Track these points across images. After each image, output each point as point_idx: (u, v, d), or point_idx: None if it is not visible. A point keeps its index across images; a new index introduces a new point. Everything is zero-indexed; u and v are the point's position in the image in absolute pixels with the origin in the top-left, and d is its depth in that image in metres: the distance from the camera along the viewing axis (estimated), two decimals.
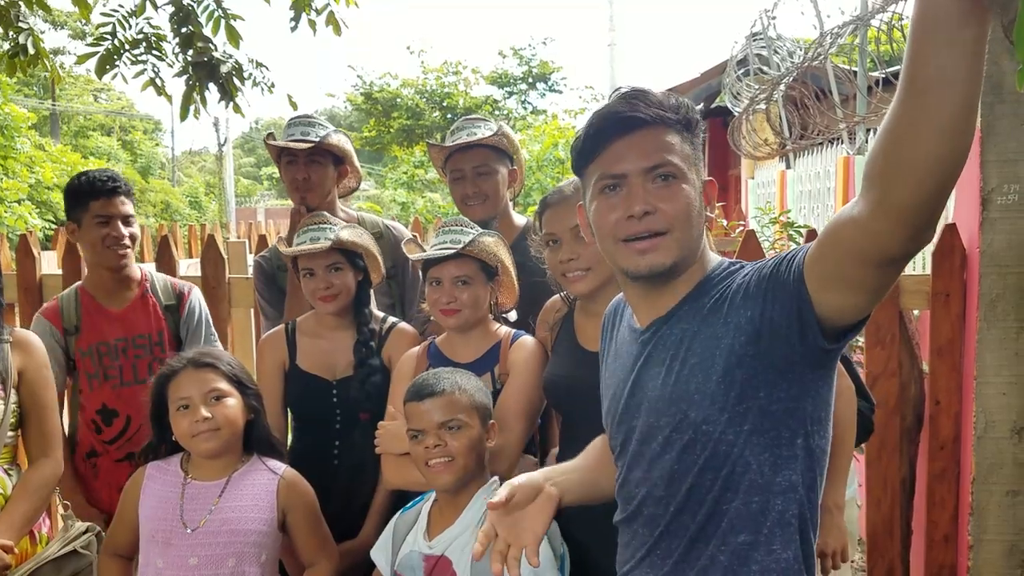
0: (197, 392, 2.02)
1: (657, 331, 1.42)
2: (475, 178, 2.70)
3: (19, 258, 3.83)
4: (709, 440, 1.33)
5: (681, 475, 1.37)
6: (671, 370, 1.37)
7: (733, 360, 1.30)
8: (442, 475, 1.90)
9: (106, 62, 3.95)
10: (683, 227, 1.36)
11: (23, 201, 15.60)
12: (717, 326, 1.33)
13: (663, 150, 1.37)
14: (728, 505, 1.35)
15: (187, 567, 1.98)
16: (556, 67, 20.22)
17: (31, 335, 2.36)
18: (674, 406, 1.36)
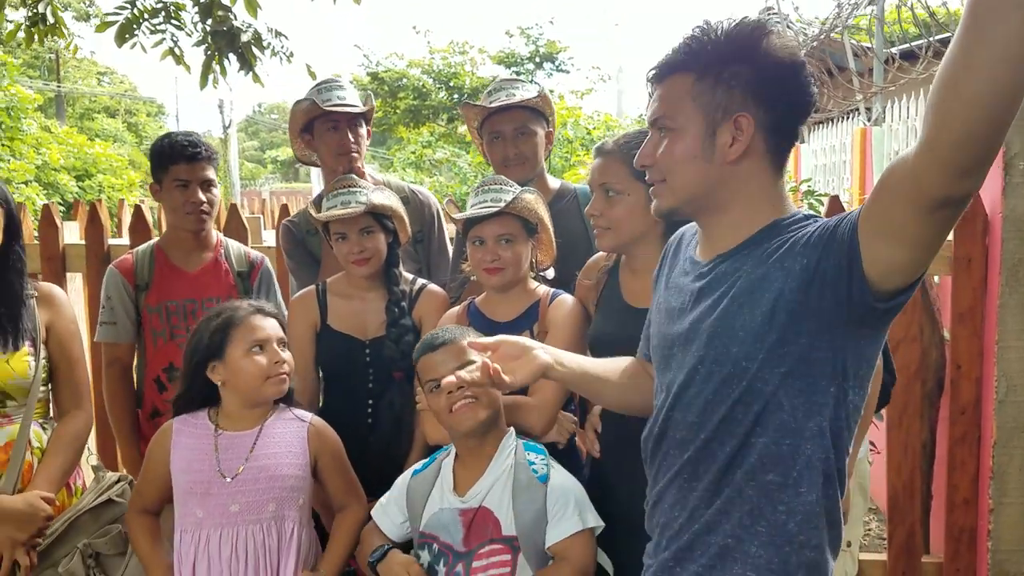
0: (274, 335, 2.08)
1: (715, 267, 1.45)
2: (515, 139, 2.71)
3: (42, 228, 3.84)
4: (746, 375, 1.36)
5: (715, 405, 1.40)
6: (720, 305, 1.40)
7: (780, 303, 1.32)
8: (469, 416, 1.92)
9: (125, 31, 3.94)
10: (675, 175, 1.42)
11: (30, 182, 15.61)
12: (772, 269, 1.34)
13: (665, 101, 1.42)
14: (757, 440, 1.38)
15: (229, 514, 2.02)
16: (563, 47, 20.11)
17: (55, 289, 2.38)
18: (718, 339, 1.39)
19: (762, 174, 1.40)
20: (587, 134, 12.22)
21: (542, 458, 1.98)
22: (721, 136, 1.37)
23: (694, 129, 1.38)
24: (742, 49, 1.36)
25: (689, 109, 1.38)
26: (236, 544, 2.01)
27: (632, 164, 1.94)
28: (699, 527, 1.44)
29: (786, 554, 1.38)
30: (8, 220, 2.16)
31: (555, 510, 1.90)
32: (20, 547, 2.08)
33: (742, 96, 1.35)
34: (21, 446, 2.14)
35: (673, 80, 1.41)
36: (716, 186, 1.40)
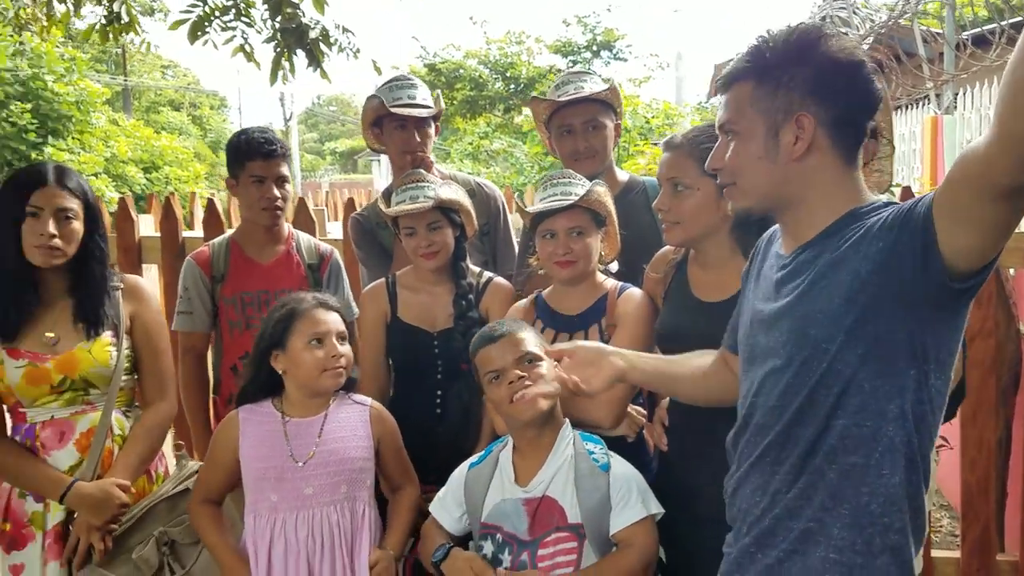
0: (334, 329, 2.13)
1: (796, 257, 1.50)
2: (584, 133, 2.71)
3: (119, 221, 3.97)
4: (825, 357, 1.39)
5: (796, 389, 1.43)
6: (800, 290, 1.45)
7: (857, 285, 1.35)
8: (531, 406, 1.93)
9: (197, 28, 4.03)
10: (744, 177, 1.50)
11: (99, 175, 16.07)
12: (849, 253, 1.38)
13: (730, 107, 1.50)
14: (837, 422, 1.40)
15: (303, 497, 2.08)
16: (621, 35, 19.97)
17: (141, 281, 2.46)
18: (798, 323, 1.43)
19: (832, 167, 1.45)
20: (645, 123, 12.13)
21: (600, 448, 2.01)
22: (784, 136, 1.44)
23: (758, 132, 1.46)
24: (799, 53, 1.43)
25: (751, 113, 1.46)
26: (312, 526, 2.07)
27: (701, 159, 1.94)
28: (780, 511, 1.46)
29: (869, 535, 1.39)
30: (87, 211, 2.24)
31: (618, 498, 1.92)
32: (95, 532, 2.15)
33: (801, 97, 1.42)
34: (102, 433, 2.22)
35: (737, 88, 1.49)
36: (784, 183, 1.47)
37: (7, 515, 2.20)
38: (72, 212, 2.18)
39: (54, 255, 2.16)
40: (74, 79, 16.46)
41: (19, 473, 2.18)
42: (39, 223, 2.14)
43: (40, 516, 2.19)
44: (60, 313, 2.23)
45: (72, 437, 2.20)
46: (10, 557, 2.18)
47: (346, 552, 2.10)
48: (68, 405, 2.21)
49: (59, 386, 2.18)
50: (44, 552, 2.17)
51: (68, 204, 2.18)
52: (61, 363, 2.18)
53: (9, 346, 2.16)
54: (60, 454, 2.19)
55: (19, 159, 15.23)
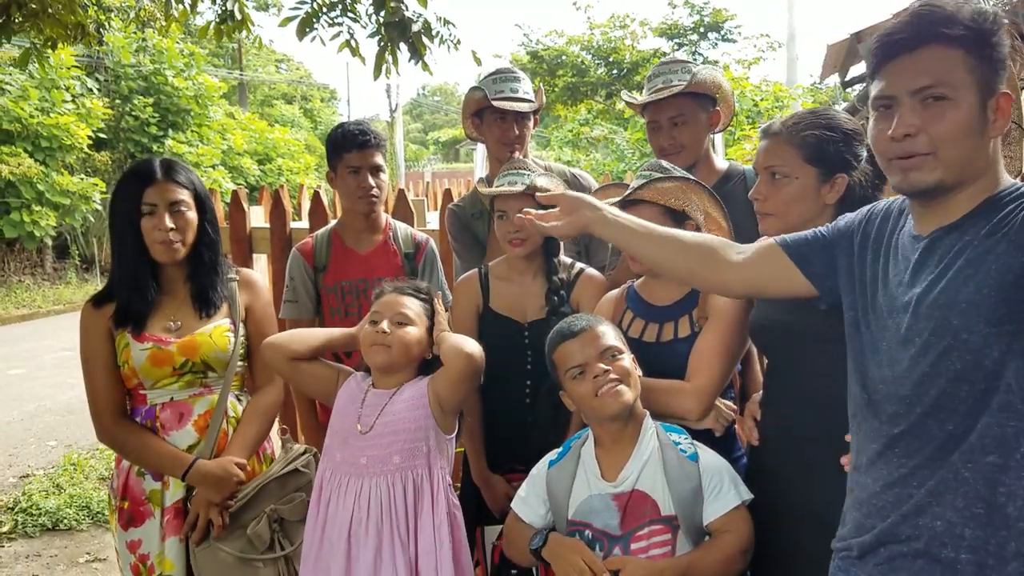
0: (388, 311, 2.21)
1: (936, 239, 1.45)
2: (671, 128, 2.70)
3: (231, 212, 4.17)
4: (968, 350, 1.35)
5: (932, 379, 1.39)
6: (942, 276, 1.40)
7: (1010, 278, 1.31)
8: (616, 399, 1.94)
9: (306, 25, 4.16)
10: (949, 147, 1.40)
11: (217, 166, 16.77)
12: (1001, 243, 1.34)
13: (935, 71, 1.40)
14: (980, 420, 1.35)
15: (358, 465, 2.18)
16: (730, 15, 19.48)
17: (255, 275, 2.59)
18: (939, 311, 1.39)
19: (998, 149, 1.44)
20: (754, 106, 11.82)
21: (686, 438, 2.00)
22: (990, 109, 1.41)
23: (968, 101, 1.40)
24: (994, 32, 1.39)
25: (967, 81, 1.40)
26: (360, 494, 2.15)
27: (801, 146, 1.90)
28: (908, 508, 1.43)
29: (1003, 538, 1.35)
30: (197, 201, 2.36)
31: (711, 487, 1.92)
32: (214, 508, 2.28)
33: (999, 75, 1.40)
34: (219, 415, 2.35)
35: (938, 52, 1.41)
36: (983, 160, 1.42)
37: (125, 493, 2.34)
38: (184, 204, 2.31)
39: (175, 250, 2.29)
40: (193, 74, 17.22)
41: (142, 452, 2.31)
42: (156, 219, 2.27)
43: (158, 494, 2.32)
44: (180, 299, 2.37)
45: (191, 418, 2.34)
46: (128, 533, 2.32)
47: (396, 527, 2.13)
48: (187, 387, 2.34)
49: (180, 368, 2.31)
50: (163, 528, 2.30)
51: (180, 197, 2.30)
52: (183, 346, 2.31)
53: (135, 332, 2.30)
54: (179, 434, 2.32)
55: (141, 151, 16.07)
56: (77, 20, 4.76)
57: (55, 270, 15.44)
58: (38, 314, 12.84)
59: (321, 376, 2.31)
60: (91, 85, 15.33)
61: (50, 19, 4.54)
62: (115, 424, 2.32)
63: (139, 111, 16.11)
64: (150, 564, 2.29)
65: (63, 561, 4.19)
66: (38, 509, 4.71)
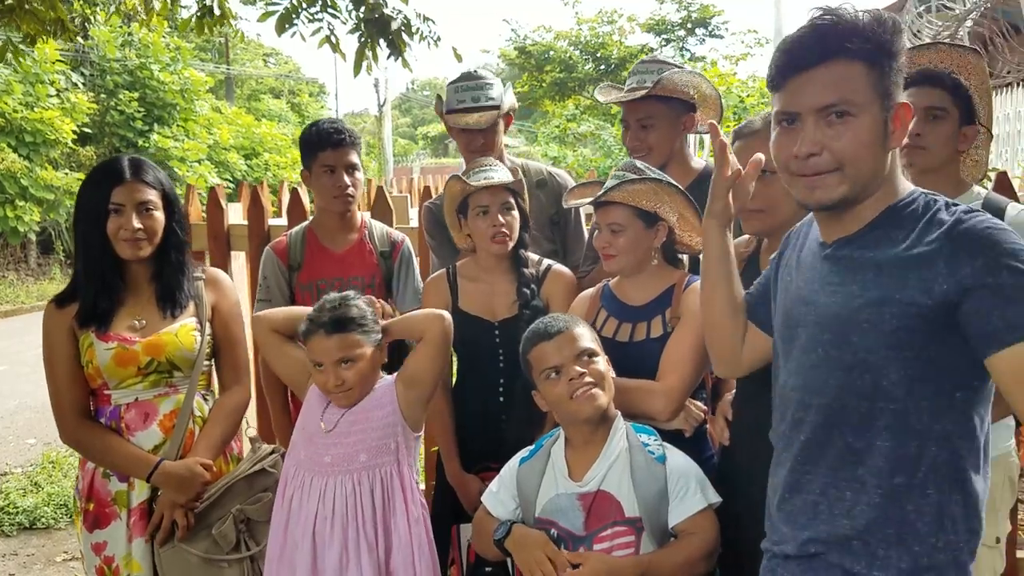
0: (327, 357, 2.16)
1: (840, 249, 1.48)
2: (638, 130, 2.71)
3: (209, 209, 4.12)
4: (868, 370, 1.38)
5: (833, 390, 1.43)
6: (847, 291, 1.42)
7: (913, 311, 1.34)
8: (591, 402, 1.95)
9: (285, 21, 4.12)
10: (854, 164, 1.40)
11: (203, 161, 16.68)
12: (907, 271, 1.36)
13: (838, 87, 1.39)
14: (884, 443, 1.39)
15: (322, 463, 2.18)
16: (717, 11, 19.51)
17: (221, 274, 2.56)
18: (841, 326, 1.42)
19: (895, 159, 1.45)
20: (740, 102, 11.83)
21: (655, 439, 2.00)
22: (891, 122, 1.42)
23: (870, 114, 1.40)
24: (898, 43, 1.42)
25: (869, 95, 1.40)
26: (324, 493, 2.15)
27: None
28: (824, 524, 1.46)
29: (916, 554, 1.38)
30: (165, 200, 2.34)
31: (677, 489, 1.92)
32: (179, 508, 2.26)
33: (899, 86, 1.43)
34: (185, 415, 2.34)
35: (840, 66, 1.41)
36: (881, 172, 1.43)
37: (91, 494, 2.32)
38: (152, 204, 2.29)
39: (140, 247, 2.27)
40: (179, 68, 17.10)
41: (106, 453, 2.29)
42: (123, 218, 2.25)
43: (124, 495, 2.30)
44: (145, 299, 2.35)
45: (156, 418, 2.31)
46: (93, 535, 2.30)
47: (363, 526, 2.13)
48: (152, 387, 2.32)
49: (145, 368, 2.29)
50: (129, 529, 2.28)
51: (148, 197, 2.28)
52: (149, 346, 2.29)
53: (99, 331, 2.28)
54: (144, 435, 2.30)
55: (126, 146, 15.96)
56: (56, 15, 4.70)
57: (39, 266, 15.35)
58: (21, 310, 12.74)
59: (296, 359, 2.30)
60: (76, 79, 15.21)
61: (27, 15, 4.49)
62: (79, 425, 2.29)
63: (124, 106, 15.99)
64: (115, 566, 2.28)
65: (40, 560, 4.16)
66: (15, 507, 4.68)
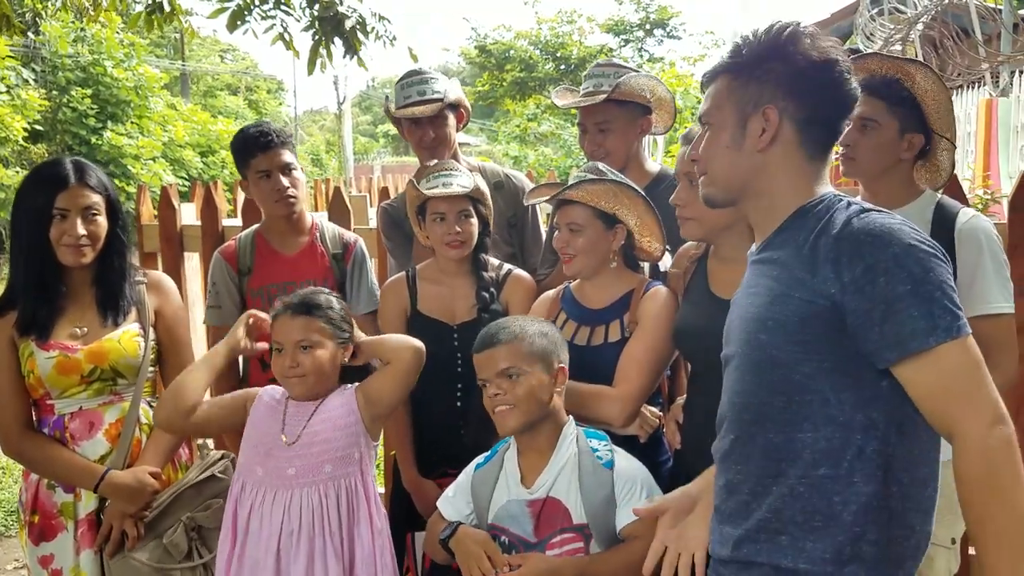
0: (289, 338, 2.12)
1: (758, 254, 1.55)
2: (596, 134, 2.70)
3: (161, 210, 4.05)
4: (779, 366, 1.42)
5: (753, 391, 1.47)
6: (756, 293, 1.49)
7: (811, 309, 1.38)
8: (506, 422, 1.94)
9: (237, 17, 4.04)
10: (712, 164, 1.54)
11: (157, 159, 16.40)
12: (803, 270, 1.41)
13: (707, 100, 1.55)
14: (805, 435, 1.41)
15: (286, 477, 2.12)
16: (675, 12, 19.68)
17: (165, 277, 2.51)
18: (751, 325, 1.47)
19: (794, 161, 1.48)
20: (698, 103, 11.91)
21: (604, 444, 1.98)
22: (751, 126, 1.48)
23: (728, 122, 1.50)
24: (773, 49, 1.48)
25: (725, 105, 1.51)
26: (289, 506, 2.09)
27: None
28: (753, 524, 1.47)
29: (840, 543, 1.39)
30: (108, 205, 2.28)
31: (623, 494, 1.91)
32: (128, 519, 2.21)
33: (772, 90, 1.47)
34: (131, 423, 2.28)
35: (716, 81, 1.55)
36: (749, 174, 1.50)
37: (35, 506, 2.26)
38: (96, 208, 2.24)
39: (83, 253, 2.22)
40: (133, 65, 16.78)
41: (51, 465, 2.23)
42: (67, 224, 2.19)
43: (71, 506, 2.24)
44: (87, 305, 2.29)
45: (101, 427, 2.26)
46: (39, 548, 2.24)
47: (330, 536, 2.10)
48: (96, 396, 2.26)
49: (89, 376, 2.23)
50: (77, 541, 2.23)
51: (92, 201, 2.23)
52: (91, 353, 2.23)
53: (40, 340, 2.22)
54: (89, 444, 2.24)
55: (79, 143, 15.64)
56: (1, 11, 4.58)
57: None
58: None
59: (230, 408, 2.22)
60: (27, 76, 14.87)
61: None
62: (21, 437, 2.23)
63: (77, 102, 15.66)
64: None
65: None
66: None
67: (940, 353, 1.30)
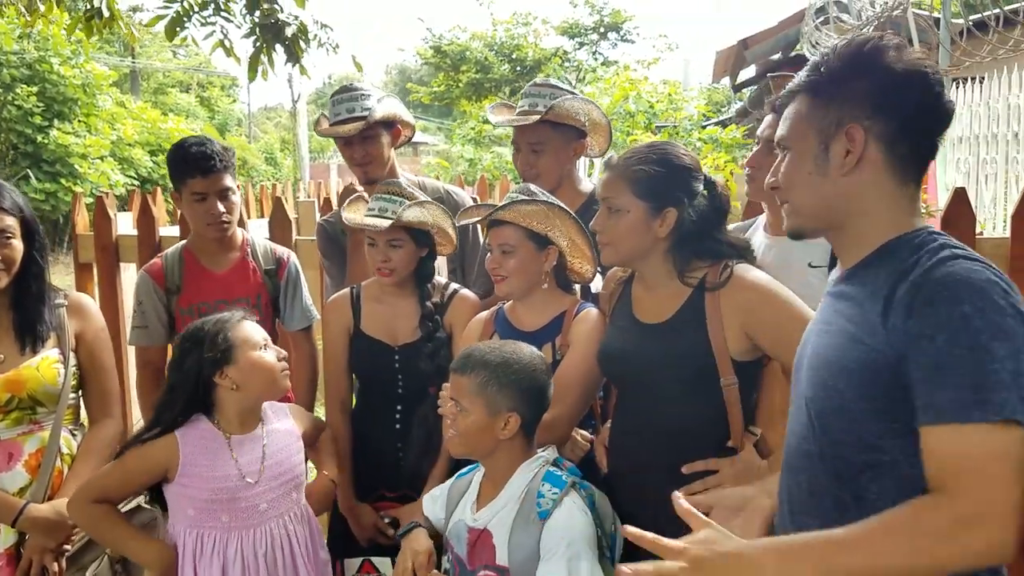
0: (266, 337, 2.13)
1: (837, 285, 1.43)
2: (529, 154, 2.68)
3: (96, 220, 3.95)
4: (851, 420, 1.31)
5: (822, 437, 1.36)
6: (829, 331, 1.38)
7: (878, 361, 1.26)
8: (450, 445, 1.93)
9: (176, 24, 3.99)
10: (795, 192, 1.42)
11: (106, 158, 16.08)
12: (877, 313, 1.28)
13: (784, 123, 1.43)
14: (871, 495, 1.30)
15: (258, 513, 2.07)
16: (628, 16, 19.79)
17: (86, 298, 2.43)
18: (825, 369, 1.36)
19: (884, 185, 1.36)
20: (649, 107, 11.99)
21: (554, 492, 1.83)
22: (834, 149, 1.36)
23: (810, 146, 1.39)
24: (854, 65, 1.36)
25: (804, 128, 1.40)
26: (272, 538, 2.07)
27: (633, 180, 1.90)
28: None
29: None
30: (24, 227, 2.20)
31: (546, 551, 1.78)
32: (49, 554, 2.14)
33: (856, 109, 1.34)
34: (52, 453, 2.21)
35: (794, 103, 1.43)
36: (836, 201, 1.38)
37: None
38: (11, 231, 2.16)
39: None
40: (80, 62, 16.43)
41: None
42: None
43: None
44: (3, 331, 2.21)
45: (20, 458, 2.18)
46: None
47: (296, 564, 2.11)
48: (15, 425, 2.18)
49: (6, 405, 2.16)
50: None
51: (6, 224, 2.15)
52: (8, 382, 2.15)
53: None
54: (8, 476, 2.17)
55: (24, 142, 15.28)
56: None
57: None
58: None
59: (156, 460, 2.05)
60: None
61: None
62: None
63: (22, 100, 15.28)
64: None
65: None
66: None
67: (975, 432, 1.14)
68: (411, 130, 3.01)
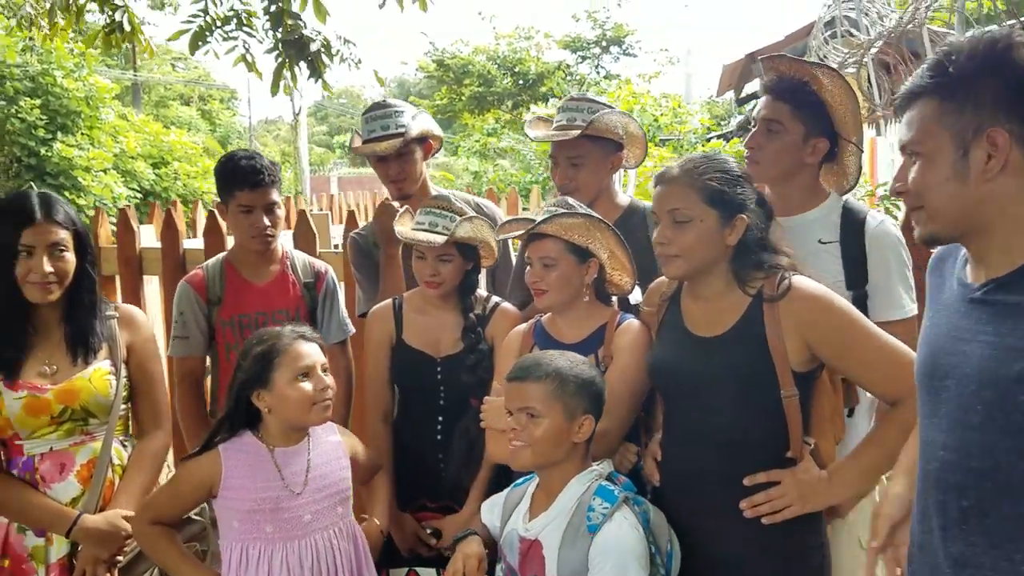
0: (318, 361, 2.10)
1: (992, 293, 1.34)
2: (568, 168, 2.68)
3: (119, 232, 3.97)
4: None
5: (1001, 454, 1.29)
6: (1005, 344, 1.29)
7: None
8: (517, 458, 1.91)
9: (198, 39, 4.04)
10: (930, 198, 1.36)
11: (109, 170, 16.08)
12: None
13: (912, 127, 1.36)
14: None
15: (302, 524, 2.08)
16: (631, 30, 19.90)
17: (135, 310, 2.46)
18: (1001, 383, 1.28)
19: None
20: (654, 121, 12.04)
21: (605, 506, 1.84)
22: (975, 155, 1.30)
23: (945, 152, 1.33)
24: (988, 64, 1.30)
25: (937, 132, 1.33)
26: (317, 551, 2.09)
27: (703, 189, 1.92)
28: None
29: None
30: (76, 240, 2.22)
31: (593, 564, 1.79)
32: (101, 564, 2.16)
33: (994, 111, 1.29)
34: (103, 464, 2.23)
35: (920, 105, 1.36)
36: (976, 207, 1.32)
37: (6, 551, 2.19)
38: (64, 244, 2.18)
39: (50, 291, 2.16)
40: (83, 75, 16.41)
41: (21, 508, 2.16)
42: (33, 261, 2.13)
43: (42, 550, 2.18)
44: (55, 343, 2.23)
45: (73, 469, 2.20)
46: None
47: (352, 571, 2.13)
48: (67, 436, 2.20)
49: (59, 416, 2.18)
50: None
51: (59, 237, 2.17)
52: (61, 393, 2.17)
53: (7, 380, 2.15)
54: (61, 486, 2.19)
55: (28, 155, 15.26)
56: None
57: None
58: None
59: (201, 476, 2.09)
60: None
61: None
62: None
63: (26, 113, 15.22)
64: None
65: None
66: None
67: None
68: (440, 143, 3.04)
